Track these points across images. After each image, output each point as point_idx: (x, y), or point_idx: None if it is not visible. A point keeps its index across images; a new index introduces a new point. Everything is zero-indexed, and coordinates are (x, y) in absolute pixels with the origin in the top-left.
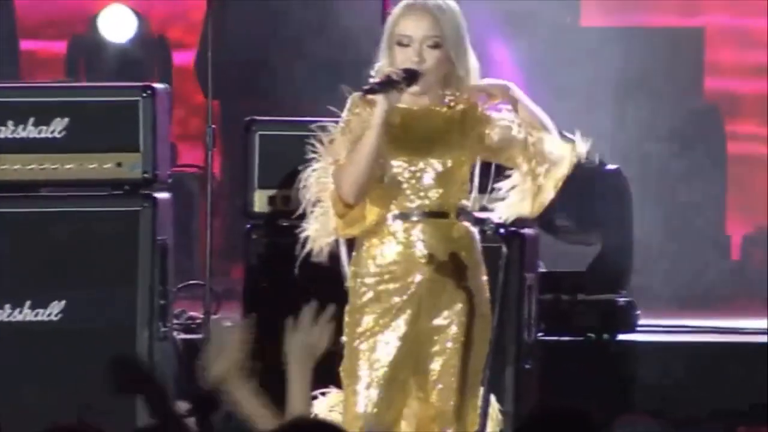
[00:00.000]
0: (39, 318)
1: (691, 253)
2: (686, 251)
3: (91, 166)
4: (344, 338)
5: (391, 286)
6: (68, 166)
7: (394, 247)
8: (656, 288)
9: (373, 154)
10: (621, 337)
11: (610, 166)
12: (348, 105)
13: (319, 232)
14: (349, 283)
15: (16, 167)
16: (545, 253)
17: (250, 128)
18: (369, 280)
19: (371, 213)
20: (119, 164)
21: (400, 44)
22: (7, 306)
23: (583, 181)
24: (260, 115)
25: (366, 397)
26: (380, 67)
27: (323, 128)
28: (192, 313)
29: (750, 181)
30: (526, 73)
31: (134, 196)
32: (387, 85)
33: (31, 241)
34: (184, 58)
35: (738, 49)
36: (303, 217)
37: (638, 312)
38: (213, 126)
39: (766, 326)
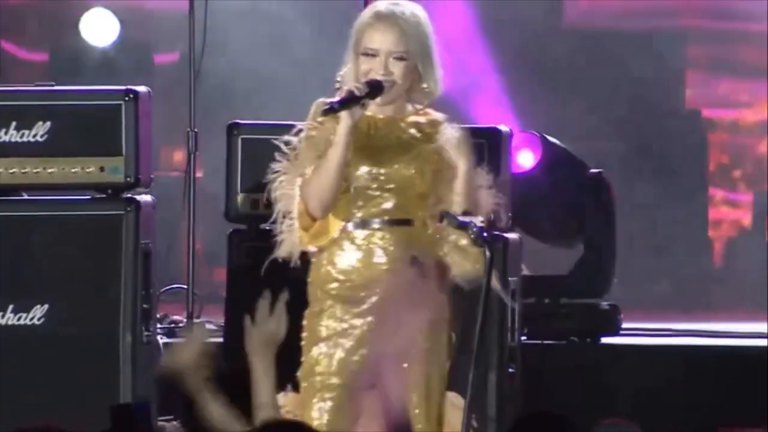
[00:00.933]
0: (21, 322)
1: (674, 257)
2: (669, 254)
3: (74, 170)
4: (303, 343)
5: (351, 293)
6: (50, 170)
7: (354, 254)
8: (639, 291)
9: (338, 170)
10: (604, 340)
11: (593, 170)
12: (311, 113)
13: (287, 243)
14: (308, 288)
15: None
16: (528, 257)
17: (232, 132)
18: (328, 287)
19: (335, 224)
20: (102, 168)
21: (366, 54)
22: None
23: (565, 185)
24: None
25: (319, 406)
26: (345, 73)
27: (286, 142)
28: (175, 317)
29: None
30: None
31: (117, 200)
32: (349, 101)
33: (13, 245)
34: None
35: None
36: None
37: (621, 315)
38: (195, 130)
39: (749, 330)
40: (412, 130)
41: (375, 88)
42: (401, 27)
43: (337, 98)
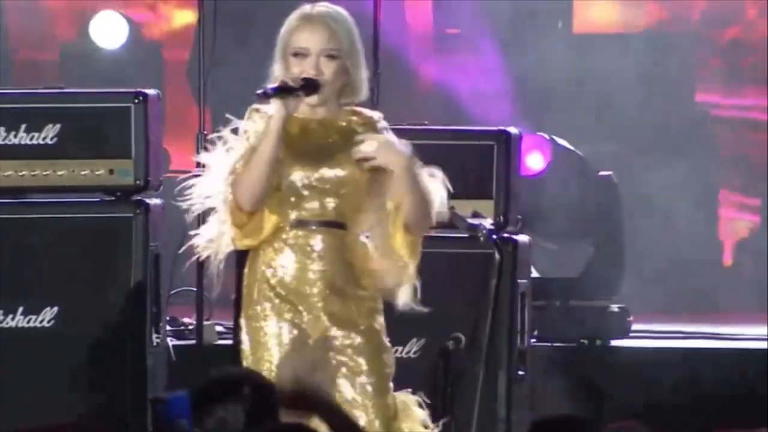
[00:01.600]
0: (31, 324)
1: (683, 259)
2: (679, 256)
3: (83, 173)
4: (243, 346)
5: (289, 296)
6: (60, 173)
7: (291, 256)
8: (648, 294)
9: (269, 160)
10: (614, 343)
11: (602, 173)
12: (247, 115)
13: (214, 241)
14: (243, 290)
15: (7, 173)
16: (537, 260)
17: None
18: (265, 290)
19: (269, 223)
20: (111, 171)
21: (297, 55)
22: (0, 312)
23: (575, 188)
24: None
25: None
26: (275, 76)
27: (219, 137)
28: (184, 320)
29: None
30: (516, 77)
31: (126, 202)
32: (282, 91)
33: (23, 247)
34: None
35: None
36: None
37: (631, 318)
38: (205, 132)
39: (760, 333)
40: (346, 131)
41: (310, 85)
42: (330, 26)
43: (270, 86)
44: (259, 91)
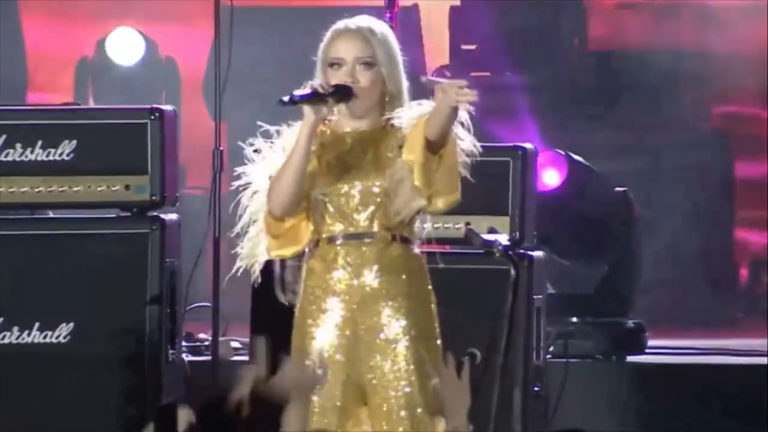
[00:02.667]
0: (47, 340)
1: (699, 276)
2: (695, 273)
3: (99, 189)
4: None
5: (330, 307)
6: (76, 189)
7: (330, 269)
8: (665, 310)
9: (300, 168)
10: (630, 359)
11: (618, 189)
12: (283, 128)
13: (251, 252)
14: (297, 306)
15: (24, 190)
16: (553, 276)
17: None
18: (311, 303)
19: (305, 236)
20: (127, 187)
21: (333, 66)
22: (15, 328)
23: (591, 204)
24: None
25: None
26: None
27: (256, 150)
28: (200, 335)
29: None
30: (533, 96)
31: (142, 218)
32: (312, 97)
33: (39, 263)
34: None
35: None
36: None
37: (647, 334)
38: (221, 148)
39: None
40: (387, 144)
41: (342, 91)
42: (365, 35)
43: (298, 92)
44: (285, 99)
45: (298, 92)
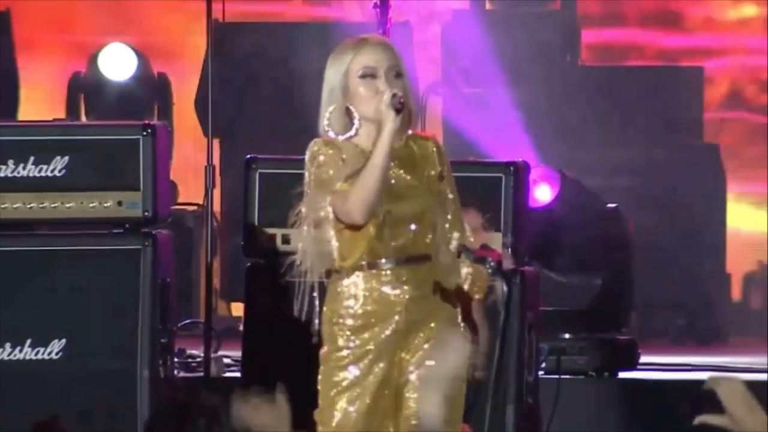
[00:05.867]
0: (39, 356)
1: (692, 291)
2: (687, 289)
3: (92, 205)
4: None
5: (367, 333)
6: (68, 205)
7: (372, 290)
8: (657, 326)
9: (383, 173)
10: (622, 375)
11: (610, 205)
12: (313, 150)
13: (319, 262)
14: (324, 327)
15: (16, 206)
16: (545, 292)
17: (250, 166)
18: (346, 327)
19: (359, 250)
20: (119, 203)
21: (365, 76)
22: (8, 344)
23: (583, 220)
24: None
25: None
26: (332, 113)
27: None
28: (192, 352)
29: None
30: (525, 112)
31: (135, 234)
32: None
33: (31, 279)
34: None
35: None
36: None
37: (639, 350)
38: (213, 164)
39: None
40: (415, 158)
41: (402, 103)
42: (390, 46)
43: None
44: (399, 106)
45: (398, 99)
